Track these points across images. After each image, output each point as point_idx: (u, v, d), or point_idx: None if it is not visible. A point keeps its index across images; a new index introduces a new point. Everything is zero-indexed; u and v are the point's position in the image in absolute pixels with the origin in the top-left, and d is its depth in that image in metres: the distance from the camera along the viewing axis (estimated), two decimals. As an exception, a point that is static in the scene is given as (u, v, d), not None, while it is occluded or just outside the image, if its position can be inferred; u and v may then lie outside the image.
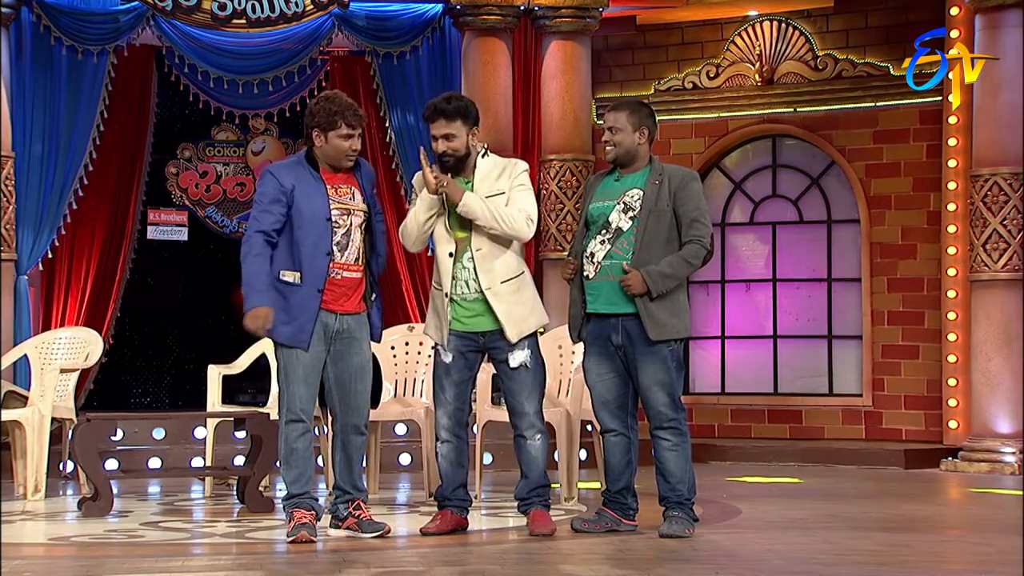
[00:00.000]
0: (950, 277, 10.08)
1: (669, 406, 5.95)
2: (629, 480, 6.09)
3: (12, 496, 7.80)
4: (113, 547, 5.96)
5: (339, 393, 6.00)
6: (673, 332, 5.93)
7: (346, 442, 6.02)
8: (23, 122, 10.02)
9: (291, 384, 5.91)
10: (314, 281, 5.87)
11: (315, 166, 5.97)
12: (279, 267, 5.87)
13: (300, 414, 5.91)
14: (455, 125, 5.96)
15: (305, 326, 5.86)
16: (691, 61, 11.09)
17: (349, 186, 5.99)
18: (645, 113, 6.07)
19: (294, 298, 5.87)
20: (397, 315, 10.54)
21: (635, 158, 6.04)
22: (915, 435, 10.34)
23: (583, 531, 6.03)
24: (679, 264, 5.90)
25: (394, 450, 9.28)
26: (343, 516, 6.03)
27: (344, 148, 5.92)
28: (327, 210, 5.90)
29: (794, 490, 8.35)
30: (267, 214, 5.87)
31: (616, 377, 6.02)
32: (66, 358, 8.19)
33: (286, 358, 5.91)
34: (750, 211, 11.12)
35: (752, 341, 11.05)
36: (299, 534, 5.80)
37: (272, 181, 5.91)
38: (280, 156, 11.40)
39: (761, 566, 5.19)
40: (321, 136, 5.93)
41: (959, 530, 6.73)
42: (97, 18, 10.14)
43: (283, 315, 5.85)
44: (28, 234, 10.03)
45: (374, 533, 5.96)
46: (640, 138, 6.02)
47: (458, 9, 10.25)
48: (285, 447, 5.93)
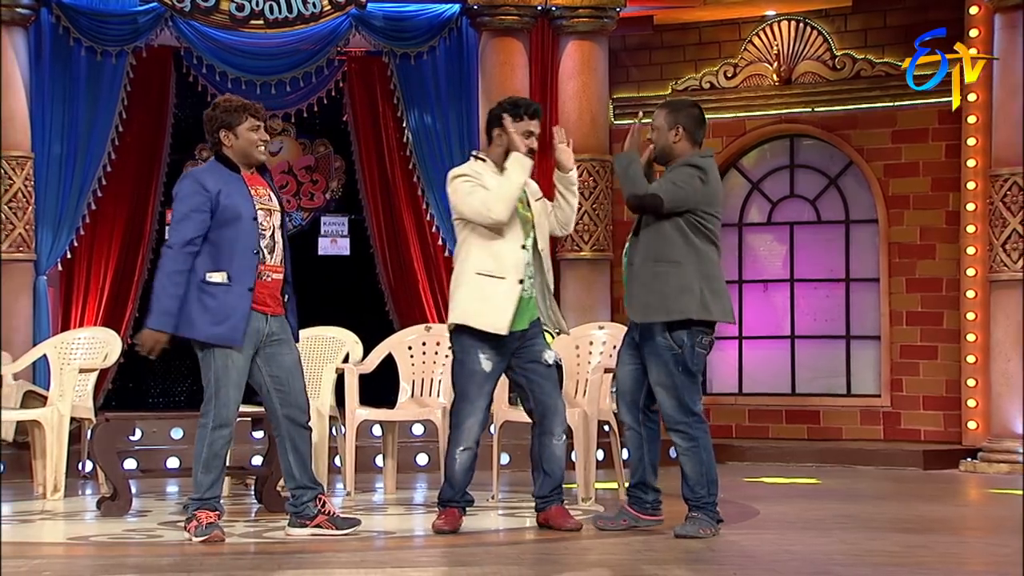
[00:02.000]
0: (969, 277, 10.04)
1: (676, 409, 5.92)
2: (643, 475, 6.08)
3: (31, 496, 7.83)
4: (132, 547, 5.98)
5: (279, 393, 5.97)
6: (653, 314, 5.86)
7: (295, 440, 5.97)
8: (42, 123, 10.06)
9: (223, 388, 5.84)
10: (243, 280, 5.84)
11: (230, 168, 5.96)
12: (204, 269, 5.83)
13: (229, 420, 5.88)
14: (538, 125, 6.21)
15: (238, 325, 5.82)
16: (708, 61, 11.07)
17: (264, 187, 6.01)
18: (685, 112, 6.04)
19: (223, 298, 5.82)
20: (414, 315, 10.56)
21: (672, 156, 6.03)
22: (934, 436, 10.31)
23: (604, 529, 6.05)
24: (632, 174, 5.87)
25: (411, 450, 9.28)
26: (312, 514, 5.97)
27: (254, 139, 5.94)
28: (253, 209, 5.90)
29: (812, 491, 8.33)
30: (188, 221, 5.81)
31: (635, 369, 6.03)
32: (85, 358, 8.22)
33: (219, 361, 5.84)
34: (768, 211, 11.10)
35: (770, 341, 11.03)
36: (212, 533, 5.80)
37: (194, 186, 5.86)
38: (297, 156, 11.43)
39: (779, 567, 5.18)
40: (229, 134, 5.93)
41: (978, 531, 6.70)
42: (116, 19, 10.17)
43: (211, 316, 5.80)
44: (47, 234, 10.07)
45: (350, 528, 5.96)
46: (675, 136, 6.00)
47: (475, 9, 10.26)
48: (208, 452, 5.86)
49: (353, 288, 11.20)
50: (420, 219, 10.72)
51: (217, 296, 5.82)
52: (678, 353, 5.88)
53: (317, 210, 11.49)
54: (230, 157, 5.95)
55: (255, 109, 5.99)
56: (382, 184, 10.91)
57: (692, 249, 5.88)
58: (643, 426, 6.07)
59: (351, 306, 10.74)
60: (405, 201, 10.77)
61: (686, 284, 5.86)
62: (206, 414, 5.90)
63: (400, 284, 10.91)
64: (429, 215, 10.60)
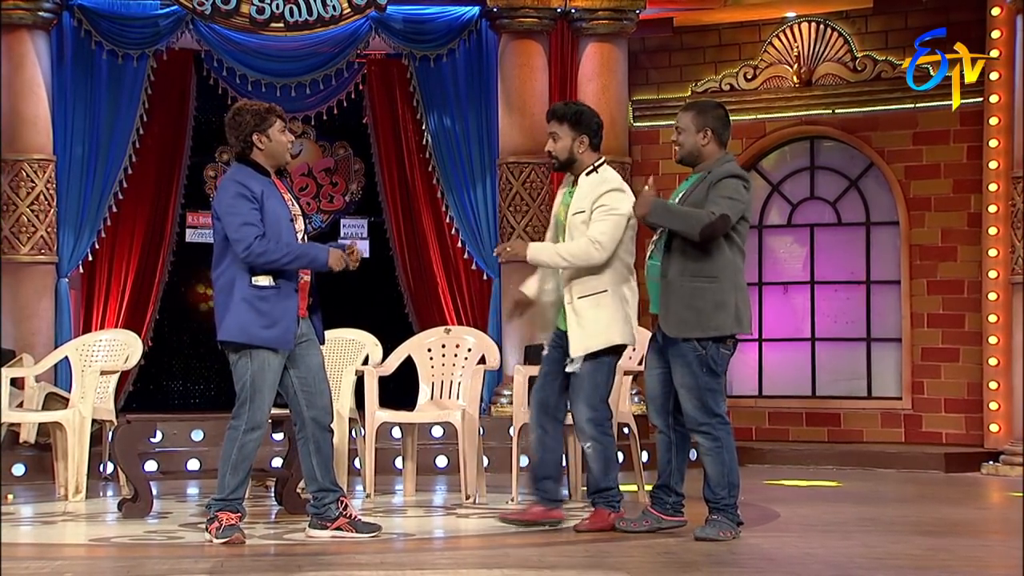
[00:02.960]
0: (991, 279, 10.00)
1: (698, 410, 5.92)
2: (668, 478, 6.09)
3: (53, 497, 7.87)
4: (153, 548, 6.00)
5: (305, 395, 6.00)
6: (688, 330, 5.88)
7: (319, 442, 6.00)
8: (64, 126, 10.10)
9: (260, 391, 5.88)
10: (289, 282, 5.90)
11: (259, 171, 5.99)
12: (249, 272, 5.84)
13: (262, 423, 5.92)
14: (561, 128, 6.19)
15: (290, 327, 5.87)
16: (728, 63, 11.05)
17: (286, 192, 6.05)
18: (712, 114, 6.03)
19: (272, 300, 5.85)
20: (434, 317, 10.57)
21: (699, 158, 6.03)
22: (955, 439, 10.26)
23: (627, 530, 6.06)
24: (683, 211, 5.84)
25: (430, 452, 9.29)
26: (334, 516, 5.98)
27: (285, 141, 6.01)
28: (288, 212, 5.96)
29: (833, 493, 8.30)
30: (252, 223, 5.81)
31: (663, 374, 6.04)
32: (106, 360, 8.25)
33: (258, 364, 5.86)
34: (788, 213, 11.07)
35: (790, 343, 11.00)
36: (233, 536, 5.83)
37: (241, 189, 5.86)
38: (317, 159, 11.46)
39: (800, 569, 5.17)
40: (262, 137, 5.95)
41: (1000, 534, 6.67)
42: (137, 22, 10.21)
43: (264, 320, 5.82)
44: (69, 237, 10.11)
45: (371, 533, 5.97)
46: (703, 139, 5.99)
47: (495, 12, 10.26)
48: (238, 454, 5.88)
49: (373, 290, 11.21)
50: (439, 221, 10.73)
51: (268, 299, 5.85)
52: (702, 354, 5.88)
53: (337, 212, 11.51)
54: (259, 161, 5.97)
55: (280, 111, 6.04)
56: (401, 186, 10.92)
57: (727, 262, 5.91)
58: (673, 430, 6.07)
59: (371, 308, 10.76)
60: (424, 203, 10.77)
61: (722, 300, 5.89)
62: (239, 416, 5.92)
63: (419, 286, 10.92)
64: (448, 217, 10.61)
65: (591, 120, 6.22)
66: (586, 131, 6.18)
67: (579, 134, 6.18)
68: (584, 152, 6.19)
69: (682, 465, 6.11)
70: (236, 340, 5.84)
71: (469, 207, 10.53)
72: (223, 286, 5.89)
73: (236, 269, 5.85)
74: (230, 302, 5.84)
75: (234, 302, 5.83)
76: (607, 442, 6.17)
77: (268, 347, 5.85)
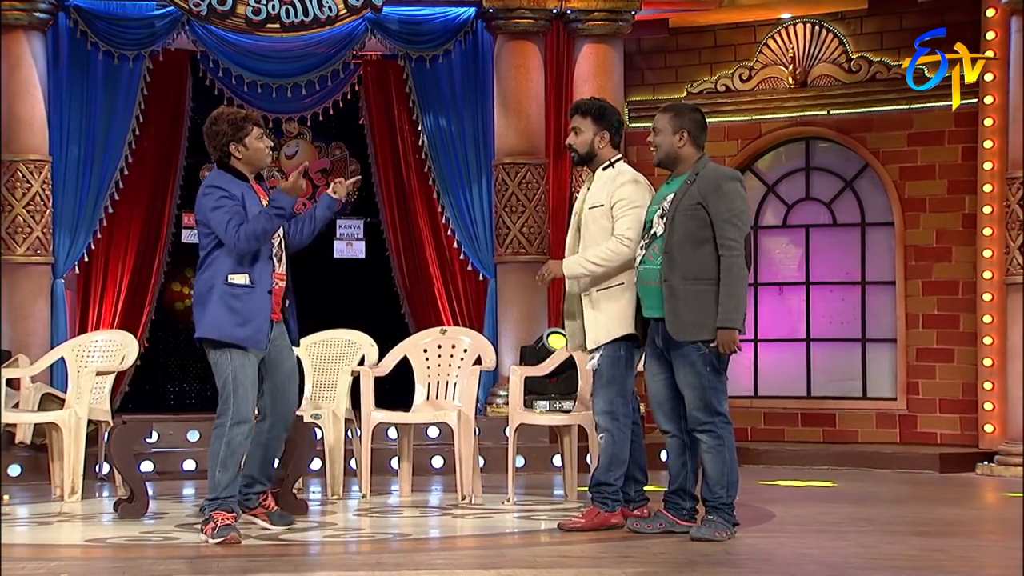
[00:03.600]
0: (985, 280, 10.01)
1: (702, 409, 5.94)
2: (684, 482, 6.12)
3: (49, 497, 7.87)
4: (149, 549, 6.01)
5: (272, 396, 6.22)
6: (697, 333, 5.90)
7: (272, 440, 6.30)
8: (60, 126, 10.10)
9: (242, 384, 6.01)
10: (264, 284, 6.04)
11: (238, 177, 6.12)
12: (226, 271, 5.98)
13: (248, 416, 6.06)
14: (584, 121, 6.29)
15: (262, 327, 6.02)
16: (724, 64, 11.06)
17: (265, 197, 6.17)
18: (689, 117, 6.06)
19: (247, 300, 5.99)
20: (430, 318, 10.57)
21: (677, 160, 6.07)
22: (950, 439, 10.28)
23: (639, 532, 6.07)
24: (734, 293, 5.87)
25: (426, 453, 9.29)
26: (253, 506, 6.29)
27: (263, 147, 6.15)
28: None
29: (828, 494, 8.32)
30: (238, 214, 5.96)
31: (668, 378, 6.06)
32: (102, 360, 8.25)
33: (237, 360, 6.00)
34: (783, 214, 11.08)
35: (785, 344, 11.01)
36: (229, 535, 5.90)
37: (222, 192, 6.02)
38: (313, 159, 11.46)
39: (795, 570, 5.18)
40: (239, 147, 6.08)
41: (995, 534, 6.68)
42: (133, 23, 10.21)
43: (237, 318, 5.96)
44: (64, 237, 10.11)
45: (286, 525, 6.28)
46: (680, 141, 6.03)
47: (491, 13, 10.27)
48: (226, 449, 6.00)
49: (368, 291, 11.22)
50: (435, 222, 10.73)
51: (241, 298, 5.97)
52: (706, 353, 5.92)
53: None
54: (238, 167, 6.12)
55: (256, 118, 6.19)
56: (398, 187, 10.92)
57: None
58: (685, 433, 6.08)
59: (366, 309, 10.76)
60: (420, 204, 10.78)
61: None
62: (223, 413, 6.02)
63: (415, 287, 10.92)
64: (444, 218, 10.61)
65: (613, 117, 6.34)
66: (608, 127, 6.28)
67: (601, 129, 6.28)
68: (604, 147, 6.30)
69: (695, 467, 6.13)
70: (211, 336, 5.98)
71: (465, 208, 10.54)
72: (202, 285, 6.04)
73: (216, 271, 5.98)
74: (208, 301, 5.98)
75: (212, 301, 5.98)
76: (620, 438, 6.19)
77: (241, 346, 5.96)
